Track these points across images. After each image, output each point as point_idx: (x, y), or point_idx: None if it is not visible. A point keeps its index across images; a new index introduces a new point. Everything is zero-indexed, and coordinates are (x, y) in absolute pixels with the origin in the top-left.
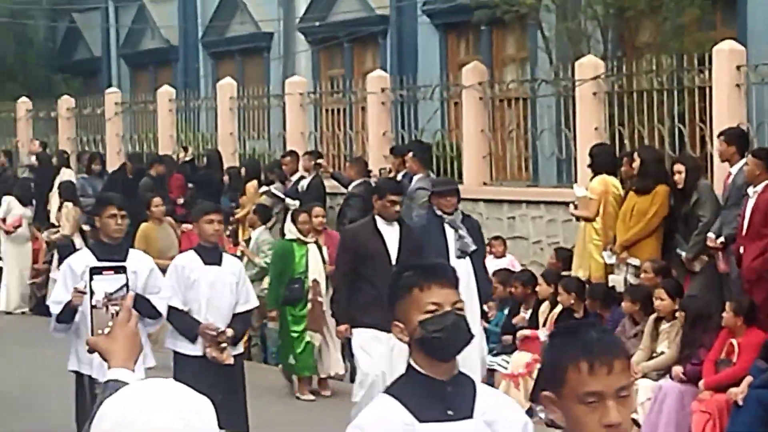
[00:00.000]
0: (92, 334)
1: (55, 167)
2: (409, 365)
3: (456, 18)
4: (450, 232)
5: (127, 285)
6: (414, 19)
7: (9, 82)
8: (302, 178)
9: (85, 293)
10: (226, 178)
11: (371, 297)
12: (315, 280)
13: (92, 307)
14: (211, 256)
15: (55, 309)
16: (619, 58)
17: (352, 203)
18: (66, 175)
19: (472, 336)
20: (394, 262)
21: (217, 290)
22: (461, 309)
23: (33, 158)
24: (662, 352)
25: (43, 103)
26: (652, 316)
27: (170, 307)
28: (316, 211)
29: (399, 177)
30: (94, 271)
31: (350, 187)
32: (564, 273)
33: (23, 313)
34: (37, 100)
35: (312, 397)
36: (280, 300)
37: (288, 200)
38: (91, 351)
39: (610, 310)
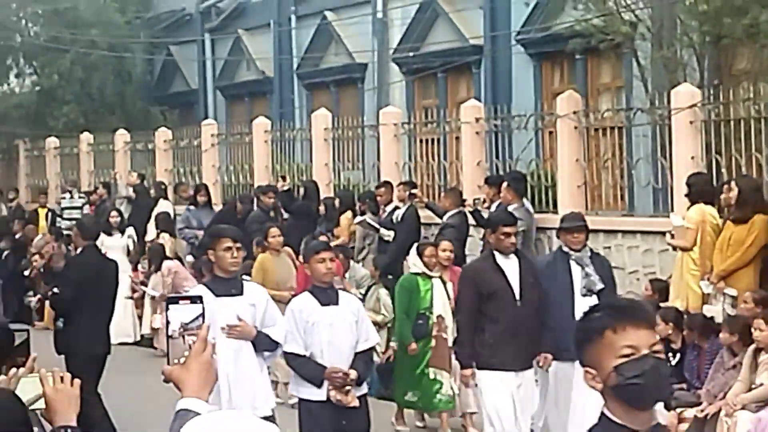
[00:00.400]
0: (168, 364)
1: (153, 199)
2: (602, 415)
3: (550, 47)
4: (576, 270)
5: (203, 315)
6: (508, 49)
7: (108, 114)
8: (396, 208)
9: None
10: (321, 208)
11: (496, 336)
12: (440, 316)
13: (168, 336)
14: (328, 296)
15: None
16: (716, 86)
17: (447, 234)
18: (163, 206)
19: (672, 382)
20: (517, 297)
21: (337, 331)
22: (659, 352)
23: (131, 190)
24: (761, 384)
25: (141, 135)
26: (751, 347)
27: (292, 353)
28: (443, 245)
29: (493, 207)
30: (171, 301)
31: (445, 218)
32: (662, 303)
33: (127, 343)
34: (134, 132)
35: (407, 428)
36: (408, 335)
37: (382, 230)
38: (166, 381)
39: (709, 340)
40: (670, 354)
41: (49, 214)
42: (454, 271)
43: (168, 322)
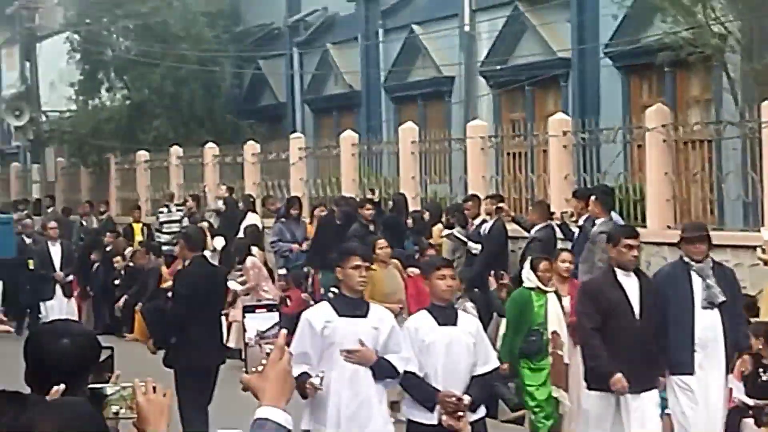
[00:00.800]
0: (246, 372)
1: (242, 211)
2: None
3: (639, 60)
4: (697, 281)
5: (279, 323)
6: (596, 62)
7: (197, 128)
8: (484, 221)
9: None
10: (410, 221)
11: (613, 355)
12: (554, 332)
13: (245, 344)
14: (446, 315)
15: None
16: None
17: (534, 247)
18: (251, 219)
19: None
20: (637, 315)
21: (454, 353)
22: None
23: (220, 203)
24: None
25: (230, 149)
26: None
27: (407, 372)
28: (563, 257)
29: (581, 221)
30: (247, 310)
31: (532, 231)
32: (752, 319)
33: None
34: (223, 145)
35: None
36: (516, 352)
37: (470, 244)
38: (244, 389)
39: None
40: (761, 369)
41: (145, 228)
42: (573, 284)
43: (245, 330)
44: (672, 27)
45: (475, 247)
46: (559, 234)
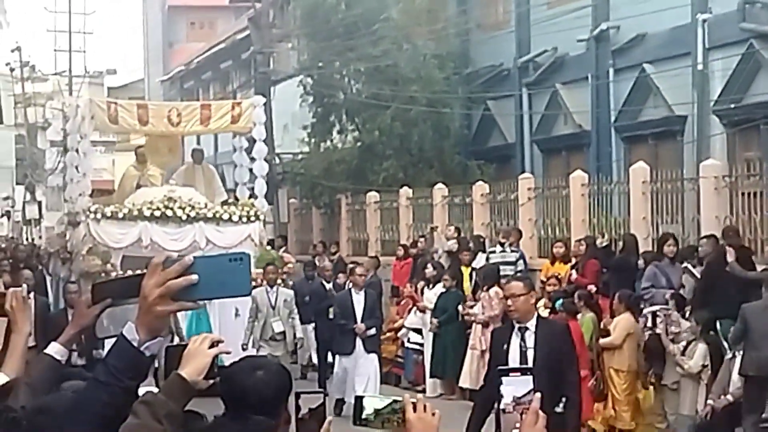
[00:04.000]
0: None
1: (472, 252)
2: None
3: None
4: None
5: (534, 387)
6: None
7: (426, 169)
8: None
9: None
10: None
11: None
12: None
13: (501, 411)
14: None
15: None
16: None
17: None
18: (482, 260)
19: None
20: None
21: None
22: None
23: (452, 242)
24: None
25: (458, 189)
26: None
27: None
28: None
29: None
30: (502, 374)
31: None
32: None
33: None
34: (452, 186)
35: None
36: None
37: None
38: None
39: None
40: None
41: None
42: None
43: (501, 396)
44: None
45: None
46: None
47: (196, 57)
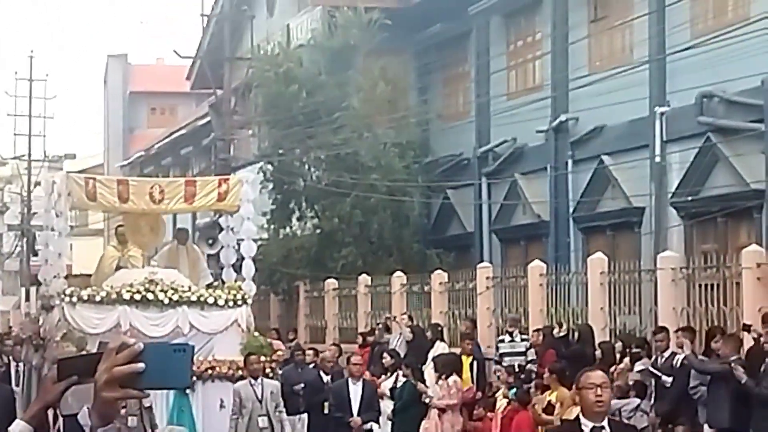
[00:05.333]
0: None
1: (430, 341)
2: None
3: None
4: None
5: None
6: None
7: (385, 257)
8: (674, 354)
9: None
10: (598, 352)
11: None
12: None
13: None
14: None
15: None
16: None
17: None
18: (440, 348)
19: None
20: None
21: None
22: None
23: (407, 331)
24: None
25: (417, 278)
26: None
27: None
28: None
29: None
30: None
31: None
32: None
33: None
34: (411, 274)
35: None
36: None
37: (663, 377)
38: None
39: None
40: None
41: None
42: None
43: None
44: None
45: (667, 380)
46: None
47: (157, 142)
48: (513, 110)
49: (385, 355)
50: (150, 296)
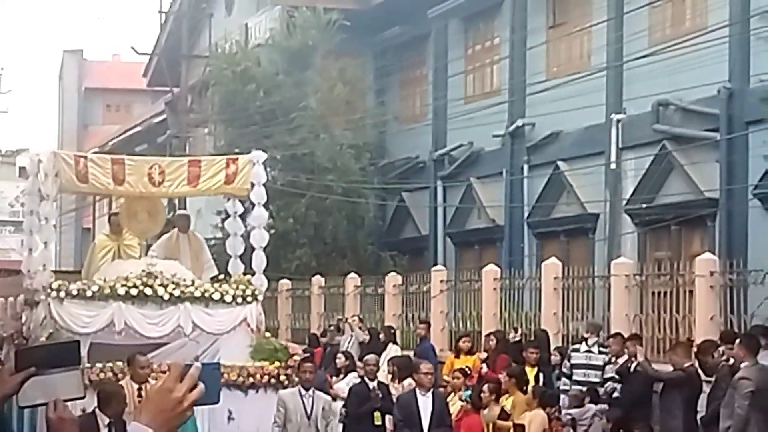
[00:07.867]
0: None
1: (383, 343)
2: None
3: None
4: None
5: None
6: (744, 203)
7: (339, 258)
8: (630, 360)
9: None
10: (554, 357)
11: None
12: None
13: None
14: None
15: None
16: None
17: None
18: (393, 350)
19: None
20: None
21: None
22: None
23: (363, 333)
24: None
25: (371, 280)
26: None
27: None
28: None
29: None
30: None
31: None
32: None
33: None
34: (365, 276)
35: None
36: None
37: (609, 384)
38: None
39: None
40: None
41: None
42: None
43: None
44: None
45: (615, 387)
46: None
47: (111, 139)
48: (470, 114)
49: (339, 356)
50: (148, 291)
